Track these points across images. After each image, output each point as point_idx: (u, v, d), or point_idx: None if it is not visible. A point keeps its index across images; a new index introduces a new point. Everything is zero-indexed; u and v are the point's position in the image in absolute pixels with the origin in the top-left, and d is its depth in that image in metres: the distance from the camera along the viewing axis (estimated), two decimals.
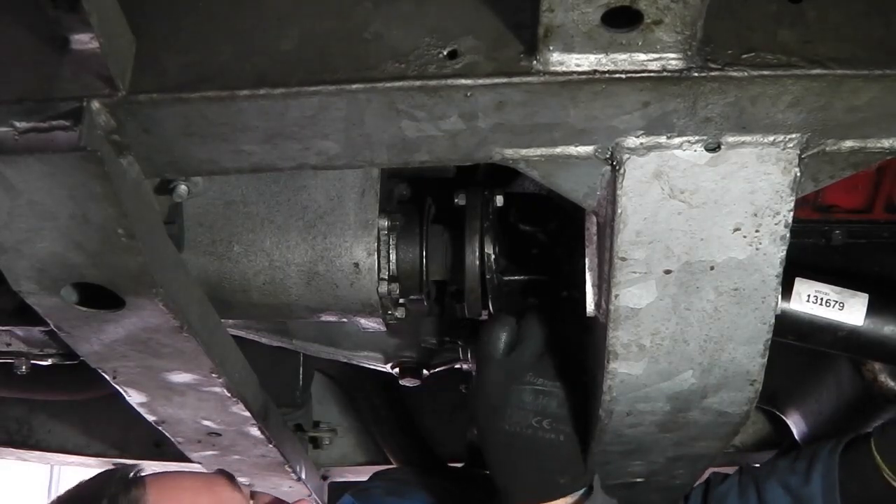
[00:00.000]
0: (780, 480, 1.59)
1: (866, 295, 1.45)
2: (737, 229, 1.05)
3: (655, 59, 0.92)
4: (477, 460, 1.49)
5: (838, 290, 1.44)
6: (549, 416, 1.33)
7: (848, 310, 1.43)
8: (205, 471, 1.70)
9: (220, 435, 1.54)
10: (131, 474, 1.47)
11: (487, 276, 1.41)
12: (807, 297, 1.43)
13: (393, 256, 1.39)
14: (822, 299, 1.43)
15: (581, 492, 1.37)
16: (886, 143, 1.02)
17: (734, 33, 0.94)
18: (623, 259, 1.07)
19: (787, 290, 1.43)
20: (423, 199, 1.48)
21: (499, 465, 1.37)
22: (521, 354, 1.35)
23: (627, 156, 1.00)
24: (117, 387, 1.33)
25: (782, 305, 1.37)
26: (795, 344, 1.48)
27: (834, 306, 1.43)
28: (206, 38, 0.97)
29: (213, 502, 1.49)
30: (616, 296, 1.11)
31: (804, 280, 1.44)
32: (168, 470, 1.69)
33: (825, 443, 1.61)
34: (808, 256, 1.49)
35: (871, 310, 1.44)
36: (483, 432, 1.37)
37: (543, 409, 1.34)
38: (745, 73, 0.93)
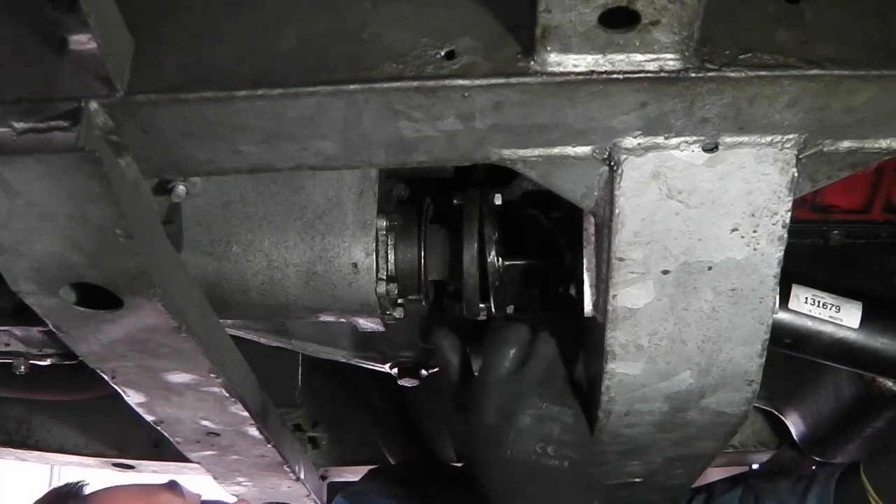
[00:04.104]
0: (778, 500, 1.61)
1: (860, 303, 1.46)
2: (734, 230, 1.05)
3: (653, 59, 0.92)
4: None
5: (834, 296, 1.46)
6: (554, 443, 1.26)
7: (844, 313, 1.45)
8: (155, 482, 1.73)
9: (218, 435, 1.54)
10: (74, 489, 1.51)
11: (490, 271, 1.40)
12: (804, 300, 1.44)
13: (391, 256, 1.39)
14: (819, 302, 1.44)
15: None
16: (884, 143, 1.02)
17: (731, 34, 0.94)
18: (621, 259, 1.08)
19: (784, 295, 1.44)
20: (422, 199, 1.48)
21: (495, 494, 1.28)
22: (528, 375, 1.28)
23: (625, 156, 1.00)
24: (116, 387, 1.33)
25: (780, 312, 1.38)
26: (790, 353, 1.49)
27: (830, 308, 1.44)
28: (205, 39, 0.97)
29: None
30: (614, 296, 1.11)
31: (801, 286, 1.45)
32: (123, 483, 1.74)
33: (826, 468, 1.64)
34: (806, 257, 1.49)
35: (866, 318, 1.45)
36: (478, 458, 1.29)
37: (548, 435, 1.26)
38: (743, 74, 0.93)
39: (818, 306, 1.44)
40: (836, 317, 1.45)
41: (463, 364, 1.37)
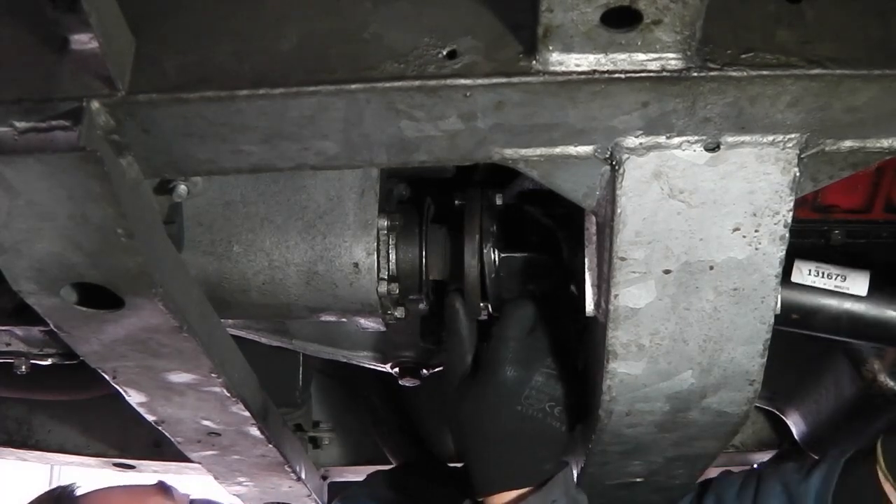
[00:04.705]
0: (781, 479, 1.60)
1: (868, 271, 1.42)
2: (736, 229, 1.05)
3: (655, 59, 0.92)
4: None
5: (839, 266, 1.41)
6: (560, 405, 1.34)
7: (850, 282, 1.40)
8: (145, 483, 1.74)
9: (219, 435, 1.54)
10: (66, 492, 1.52)
11: (490, 276, 1.40)
12: (808, 272, 1.40)
13: (392, 256, 1.39)
14: (823, 273, 1.40)
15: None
16: (885, 142, 1.02)
17: (733, 34, 0.94)
18: (622, 259, 1.07)
19: (786, 271, 1.39)
20: (423, 198, 1.48)
21: (485, 449, 1.34)
22: (543, 337, 1.35)
23: (627, 156, 1.00)
24: (117, 387, 1.33)
25: (783, 288, 1.34)
26: (796, 331, 1.44)
27: (836, 278, 1.40)
28: (206, 39, 0.97)
29: None
30: (615, 296, 1.11)
31: (803, 259, 1.41)
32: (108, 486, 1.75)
33: (837, 449, 1.62)
34: (806, 256, 1.48)
35: (874, 286, 1.41)
36: (488, 412, 1.32)
37: (558, 396, 1.33)
38: (744, 73, 0.93)
39: (823, 277, 1.39)
40: (842, 286, 1.40)
41: (472, 334, 1.40)
